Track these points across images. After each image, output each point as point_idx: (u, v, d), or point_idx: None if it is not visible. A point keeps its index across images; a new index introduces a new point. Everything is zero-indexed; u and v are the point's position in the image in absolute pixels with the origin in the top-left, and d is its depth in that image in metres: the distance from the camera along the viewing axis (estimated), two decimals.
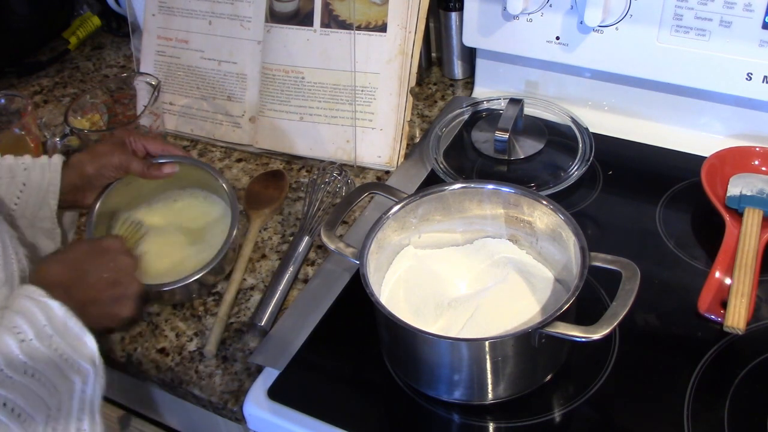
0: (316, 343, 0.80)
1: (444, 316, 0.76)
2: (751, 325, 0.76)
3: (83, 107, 1.07)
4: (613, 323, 0.64)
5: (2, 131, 1.05)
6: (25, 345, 0.61)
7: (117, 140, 0.85)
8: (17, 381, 0.60)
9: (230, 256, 0.88)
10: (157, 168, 0.86)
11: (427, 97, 1.18)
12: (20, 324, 0.62)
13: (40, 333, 0.62)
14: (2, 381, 0.59)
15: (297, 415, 0.74)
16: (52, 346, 0.62)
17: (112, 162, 0.84)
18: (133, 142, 0.85)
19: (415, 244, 0.82)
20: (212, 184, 0.92)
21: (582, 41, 0.99)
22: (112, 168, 0.84)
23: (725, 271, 0.80)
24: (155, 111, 1.05)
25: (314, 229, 0.93)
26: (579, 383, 0.74)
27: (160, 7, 1.17)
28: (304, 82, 1.07)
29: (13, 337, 0.61)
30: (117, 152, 0.84)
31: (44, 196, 0.80)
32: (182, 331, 0.86)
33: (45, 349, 0.62)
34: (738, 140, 0.97)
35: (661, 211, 0.91)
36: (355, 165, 1.05)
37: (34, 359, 0.61)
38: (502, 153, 1.01)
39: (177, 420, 0.98)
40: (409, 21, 1.02)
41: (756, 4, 0.87)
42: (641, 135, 1.02)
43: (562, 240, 0.75)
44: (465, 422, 0.72)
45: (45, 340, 0.62)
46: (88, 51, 1.43)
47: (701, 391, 0.72)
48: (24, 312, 0.62)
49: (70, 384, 0.63)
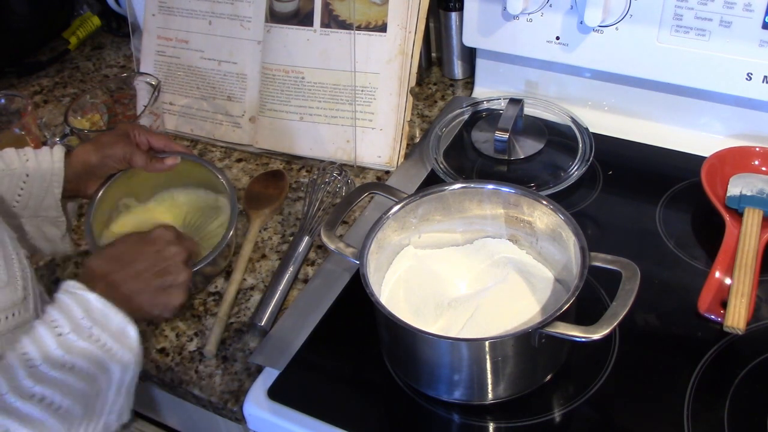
0: (316, 343, 0.80)
1: (444, 316, 0.76)
2: (751, 325, 0.76)
3: (83, 107, 1.07)
4: (613, 323, 0.64)
5: (2, 131, 1.06)
6: (62, 339, 0.61)
7: (121, 132, 0.86)
8: (54, 376, 0.60)
9: (225, 252, 0.88)
10: (159, 161, 0.86)
11: (427, 97, 1.18)
12: (57, 318, 0.62)
13: (78, 326, 0.63)
14: (40, 377, 0.59)
15: (297, 415, 0.74)
16: (92, 337, 0.63)
17: (115, 153, 0.84)
18: (137, 135, 0.85)
19: (415, 244, 0.82)
20: (213, 181, 0.92)
21: (582, 41, 0.99)
22: (116, 159, 0.84)
23: (725, 271, 0.80)
24: (155, 111, 1.05)
25: (314, 229, 0.93)
26: (579, 383, 0.74)
27: (160, 7, 1.17)
28: (304, 82, 1.07)
29: (50, 331, 0.61)
30: (121, 144, 0.84)
31: (48, 186, 0.81)
32: (182, 331, 0.86)
33: (83, 342, 0.62)
34: (738, 140, 0.97)
35: (661, 211, 0.91)
36: (355, 165, 1.05)
37: (72, 352, 0.62)
38: (502, 153, 1.01)
39: (177, 420, 0.98)
40: (409, 21, 1.02)
41: (756, 4, 0.87)
42: (641, 135, 1.02)
43: (562, 240, 0.75)
44: (465, 422, 0.72)
45: (83, 332, 0.63)
46: (88, 51, 1.43)
47: (701, 391, 0.72)
48: (61, 306, 0.63)
49: (109, 374, 0.64)
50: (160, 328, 0.86)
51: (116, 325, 0.65)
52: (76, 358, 0.62)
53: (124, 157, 0.84)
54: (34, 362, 0.60)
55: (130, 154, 0.84)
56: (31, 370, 0.60)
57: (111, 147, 0.84)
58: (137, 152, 0.85)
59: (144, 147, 0.86)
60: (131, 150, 0.84)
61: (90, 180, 0.86)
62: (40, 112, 1.25)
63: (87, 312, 0.63)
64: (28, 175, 0.80)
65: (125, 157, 0.84)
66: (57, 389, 0.60)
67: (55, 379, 0.60)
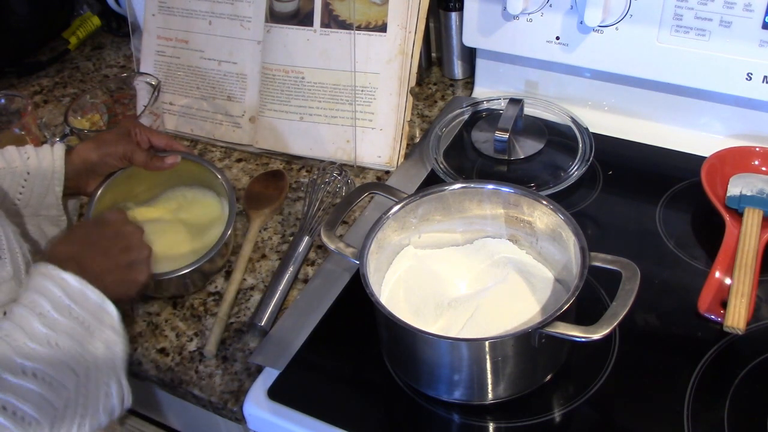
0: (316, 343, 0.80)
1: (444, 316, 0.76)
2: (751, 325, 0.76)
3: (83, 107, 1.07)
4: (613, 323, 0.64)
5: (2, 131, 1.06)
6: (44, 318, 0.62)
7: (122, 130, 0.86)
8: (42, 351, 0.60)
9: (223, 251, 0.88)
10: (159, 159, 0.86)
11: (427, 97, 1.18)
12: (36, 299, 0.62)
13: (58, 305, 0.63)
14: (28, 354, 0.60)
15: (297, 415, 0.74)
16: (72, 315, 0.63)
17: (116, 151, 0.84)
18: (138, 134, 0.85)
19: (415, 244, 0.82)
20: (213, 181, 0.92)
21: (582, 41, 0.99)
22: (116, 157, 0.84)
23: (725, 271, 0.80)
24: (155, 111, 1.05)
25: (314, 229, 0.93)
26: (579, 383, 0.74)
27: (160, 7, 1.17)
28: (304, 82, 1.07)
29: (31, 313, 0.62)
30: (122, 142, 0.84)
31: (49, 183, 0.81)
32: (182, 331, 0.86)
33: (65, 320, 0.63)
34: (738, 140, 0.97)
35: (661, 211, 0.91)
36: (355, 165, 1.05)
37: (56, 330, 0.62)
38: (502, 153, 1.01)
39: (177, 420, 0.98)
40: (409, 21, 1.02)
41: (756, 4, 0.87)
42: (641, 135, 1.02)
43: (562, 240, 0.75)
44: (465, 422, 0.72)
45: (64, 310, 0.63)
46: (88, 51, 1.42)
47: (701, 391, 0.72)
48: (39, 288, 0.63)
49: (94, 350, 0.64)
50: (161, 328, 0.86)
51: (94, 303, 0.65)
52: (60, 335, 0.62)
53: (124, 155, 0.84)
54: (19, 342, 0.60)
55: (130, 152, 0.84)
56: (19, 349, 0.60)
57: (112, 145, 0.84)
58: (138, 150, 0.85)
59: (145, 145, 0.86)
60: (132, 148, 0.84)
61: (90, 178, 0.86)
62: (40, 112, 1.25)
63: (65, 291, 0.64)
64: (29, 173, 0.80)
65: (126, 155, 0.84)
66: (47, 364, 0.60)
67: (44, 354, 0.60)
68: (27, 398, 0.58)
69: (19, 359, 0.59)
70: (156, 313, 0.88)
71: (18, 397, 0.57)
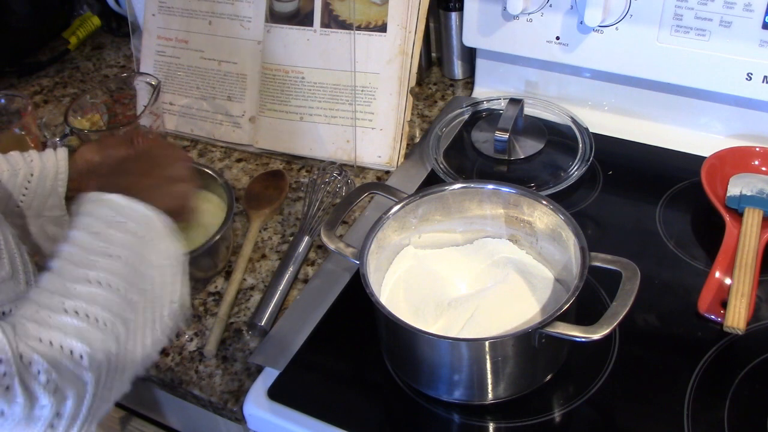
0: (316, 343, 0.80)
1: (444, 316, 0.76)
2: (751, 325, 0.76)
3: (83, 107, 1.07)
4: (613, 323, 0.64)
5: (2, 131, 1.05)
6: (99, 236, 0.62)
7: (125, 136, 0.86)
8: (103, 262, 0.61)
9: (223, 253, 0.88)
10: None
11: (427, 97, 1.18)
12: (89, 221, 0.63)
13: (111, 222, 0.63)
14: (90, 264, 0.60)
15: (297, 415, 0.74)
16: (126, 228, 0.64)
17: (118, 154, 0.84)
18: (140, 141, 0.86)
19: (415, 244, 0.82)
20: (212, 185, 0.92)
21: (582, 41, 0.99)
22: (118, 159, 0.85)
23: (725, 271, 0.80)
24: (155, 111, 1.05)
25: (314, 229, 0.93)
26: (579, 383, 0.74)
27: (160, 7, 1.17)
28: (304, 82, 1.07)
29: (85, 233, 0.62)
30: (124, 147, 0.85)
31: (53, 185, 0.81)
32: (182, 331, 0.86)
33: (121, 234, 0.63)
34: (738, 140, 0.97)
35: (661, 211, 0.91)
36: (355, 165, 1.05)
37: (113, 243, 0.62)
38: (502, 153, 1.01)
39: (177, 420, 0.98)
40: (409, 21, 1.02)
41: (756, 4, 0.87)
42: (641, 135, 1.01)
43: (562, 240, 0.75)
44: (465, 422, 0.72)
45: (119, 227, 0.63)
46: (88, 51, 1.42)
47: (701, 391, 0.72)
48: (89, 212, 0.64)
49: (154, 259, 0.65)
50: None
51: (144, 215, 0.65)
52: (118, 248, 0.62)
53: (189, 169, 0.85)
54: (80, 257, 0.61)
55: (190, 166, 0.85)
56: (81, 263, 0.60)
57: (114, 148, 0.85)
58: None
59: None
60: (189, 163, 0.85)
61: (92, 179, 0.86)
62: (40, 112, 1.25)
63: (114, 209, 0.64)
64: (32, 175, 0.80)
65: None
66: (110, 273, 0.60)
67: (105, 266, 0.61)
68: (96, 301, 0.58)
69: (82, 270, 0.60)
70: None
71: (87, 301, 0.58)
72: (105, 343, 0.58)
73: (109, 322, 0.58)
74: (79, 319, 0.57)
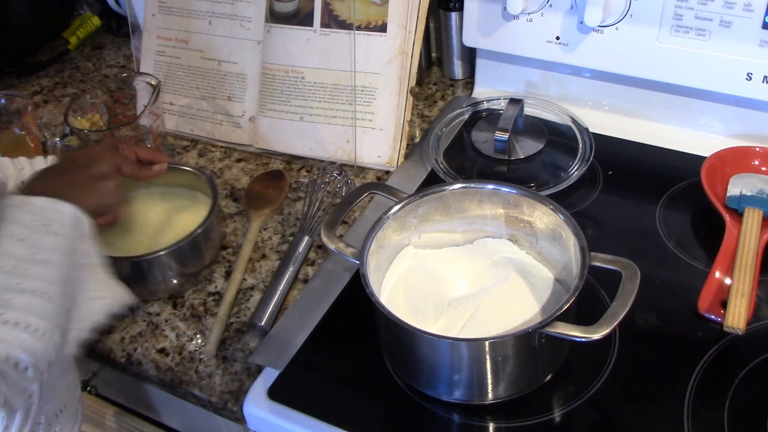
0: (316, 343, 0.80)
1: (444, 316, 0.76)
2: (751, 325, 0.76)
3: (83, 107, 1.07)
4: (613, 323, 0.64)
5: (2, 131, 1.06)
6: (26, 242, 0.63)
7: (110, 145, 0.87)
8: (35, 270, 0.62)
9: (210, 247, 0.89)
10: (146, 168, 0.87)
11: (427, 97, 1.18)
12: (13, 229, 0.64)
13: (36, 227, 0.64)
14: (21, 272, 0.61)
15: (297, 415, 0.74)
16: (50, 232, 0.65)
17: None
18: (124, 149, 0.86)
19: (415, 244, 0.82)
20: (201, 185, 0.93)
21: (582, 41, 0.99)
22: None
23: (725, 271, 0.80)
24: (155, 111, 1.05)
25: (314, 229, 0.93)
26: (579, 383, 0.74)
27: (160, 7, 1.17)
28: (304, 82, 1.07)
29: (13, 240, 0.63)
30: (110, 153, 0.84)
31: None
32: (182, 331, 0.86)
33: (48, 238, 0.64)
34: (738, 140, 0.97)
35: (661, 211, 0.91)
36: (355, 165, 1.05)
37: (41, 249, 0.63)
38: (502, 153, 1.01)
39: (177, 420, 0.98)
40: (409, 21, 1.02)
41: (756, 4, 0.87)
42: (641, 135, 1.02)
43: (562, 240, 0.75)
44: (465, 422, 0.72)
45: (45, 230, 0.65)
46: (88, 51, 1.43)
47: (701, 391, 0.72)
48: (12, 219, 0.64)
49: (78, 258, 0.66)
50: (161, 328, 0.86)
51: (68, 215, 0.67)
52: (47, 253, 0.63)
53: (113, 166, 0.85)
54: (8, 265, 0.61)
55: (119, 163, 0.85)
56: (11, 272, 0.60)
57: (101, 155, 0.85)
58: (126, 162, 0.85)
59: (132, 159, 0.86)
60: (120, 159, 0.85)
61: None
62: (40, 112, 1.25)
63: (38, 214, 0.65)
64: (23, 182, 0.80)
65: (115, 166, 0.85)
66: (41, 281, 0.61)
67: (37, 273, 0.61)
68: (34, 311, 0.59)
69: (15, 279, 0.60)
70: (156, 313, 0.88)
71: (26, 312, 0.58)
72: (46, 353, 0.58)
73: (48, 332, 0.59)
74: (21, 330, 0.57)
